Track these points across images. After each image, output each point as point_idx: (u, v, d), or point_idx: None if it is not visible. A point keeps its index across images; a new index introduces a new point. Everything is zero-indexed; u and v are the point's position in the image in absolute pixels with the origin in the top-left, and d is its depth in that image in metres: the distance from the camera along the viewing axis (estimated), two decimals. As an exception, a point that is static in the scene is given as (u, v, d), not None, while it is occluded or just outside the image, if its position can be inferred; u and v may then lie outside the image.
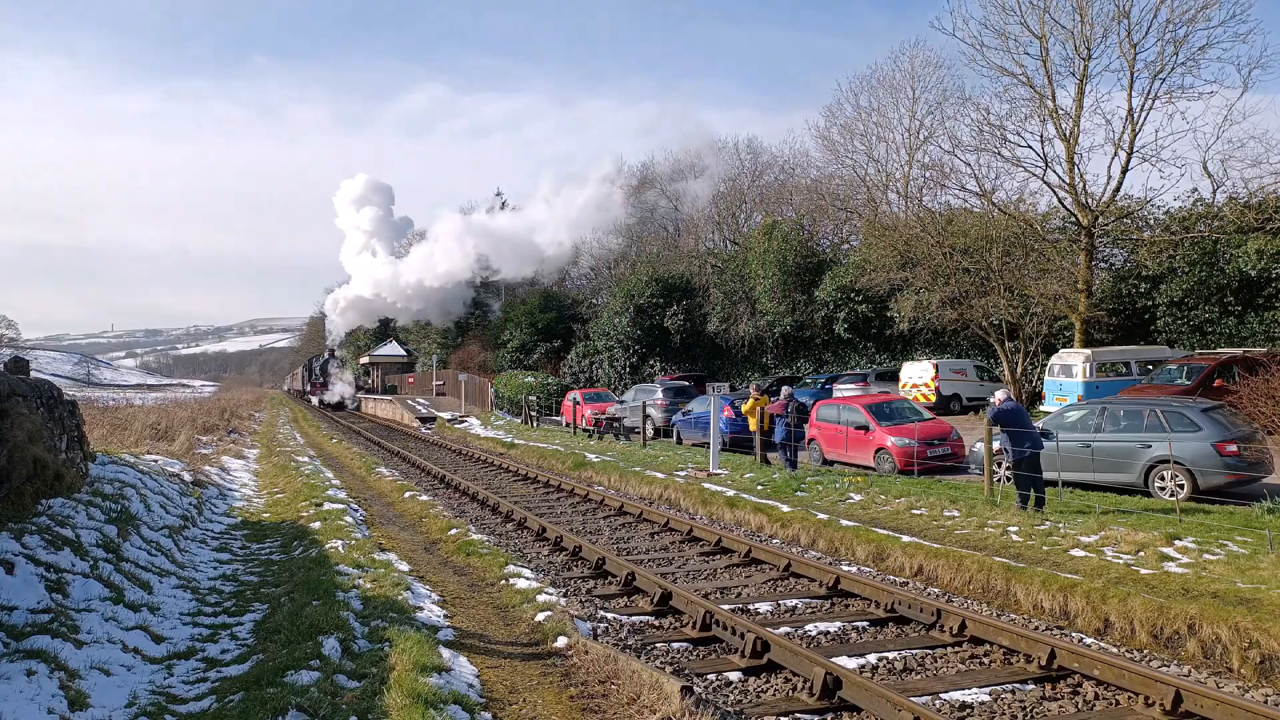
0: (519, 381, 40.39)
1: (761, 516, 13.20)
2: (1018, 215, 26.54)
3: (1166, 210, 26.51)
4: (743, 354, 41.05)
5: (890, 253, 28.76)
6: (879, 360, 34.68)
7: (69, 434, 10.82)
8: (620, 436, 27.28)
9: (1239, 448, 12.27)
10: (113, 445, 17.62)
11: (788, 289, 37.15)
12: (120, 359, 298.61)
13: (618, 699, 6.09)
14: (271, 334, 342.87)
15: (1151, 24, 24.26)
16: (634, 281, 43.68)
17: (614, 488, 17.85)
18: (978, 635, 7.79)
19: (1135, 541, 9.72)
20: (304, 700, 5.43)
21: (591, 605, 8.98)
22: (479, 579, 9.85)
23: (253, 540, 12.22)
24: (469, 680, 6.29)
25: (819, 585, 9.72)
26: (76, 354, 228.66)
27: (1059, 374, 22.77)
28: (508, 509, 15.15)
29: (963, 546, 10.39)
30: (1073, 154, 25.75)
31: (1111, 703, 6.48)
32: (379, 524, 13.51)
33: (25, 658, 5.77)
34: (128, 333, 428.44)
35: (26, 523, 8.16)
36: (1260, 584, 8.10)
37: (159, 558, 9.64)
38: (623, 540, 12.83)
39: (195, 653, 7.08)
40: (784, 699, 6.61)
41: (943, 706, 6.40)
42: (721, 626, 7.92)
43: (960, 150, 28.25)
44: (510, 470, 21.82)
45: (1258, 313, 24.07)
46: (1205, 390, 18.27)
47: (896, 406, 18.62)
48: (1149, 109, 24.72)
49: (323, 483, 17.13)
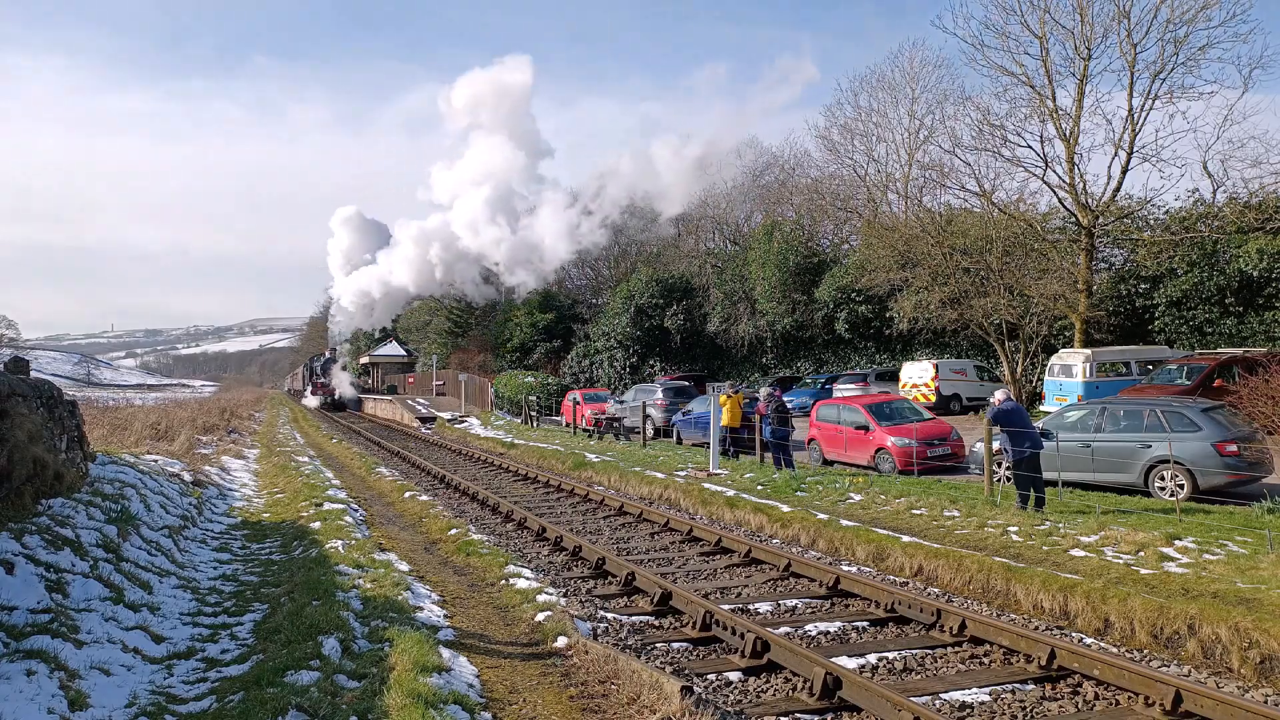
0: (519, 381, 40.40)
1: (761, 516, 13.20)
2: (1018, 215, 26.55)
3: (1166, 210, 26.54)
4: (743, 354, 41.07)
5: (890, 253, 28.78)
6: (879, 360, 34.70)
7: (69, 434, 10.82)
8: (620, 436, 27.28)
9: (1239, 448, 12.27)
10: (113, 445, 17.62)
11: (788, 289, 37.17)
12: (120, 359, 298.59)
13: (618, 699, 6.09)
14: (271, 334, 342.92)
15: (1152, 24, 24.31)
16: (634, 281, 43.70)
17: (614, 488, 17.85)
18: (978, 635, 7.79)
19: (1135, 541, 9.72)
20: (304, 700, 5.43)
21: (591, 605, 8.98)
22: (479, 579, 9.84)
23: (253, 540, 12.22)
24: (469, 680, 6.29)
25: (819, 585, 9.72)
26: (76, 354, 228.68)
27: (1059, 374, 22.78)
28: (508, 509, 15.15)
29: (963, 546, 10.39)
30: (1073, 154, 25.77)
31: (1111, 703, 6.48)
32: (379, 524, 13.51)
33: (25, 658, 5.77)
34: (128, 333, 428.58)
35: (26, 523, 8.16)
36: (1260, 584, 8.10)
37: (159, 558, 9.64)
38: (623, 540, 12.83)
39: (195, 653, 7.08)
40: (784, 699, 6.61)
41: (943, 706, 6.40)
42: (721, 626, 7.92)
43: (960, 150, 28.31)
44: (510, 470, 21.82)
45: (1258, 313, 24.08)
46: (1205, 390, 18.28)
47: (896, 406, 18.62)
48: (1149, 109, 24.77)
49: (323, 483, 17.13)
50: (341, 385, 63.79)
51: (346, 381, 64.49)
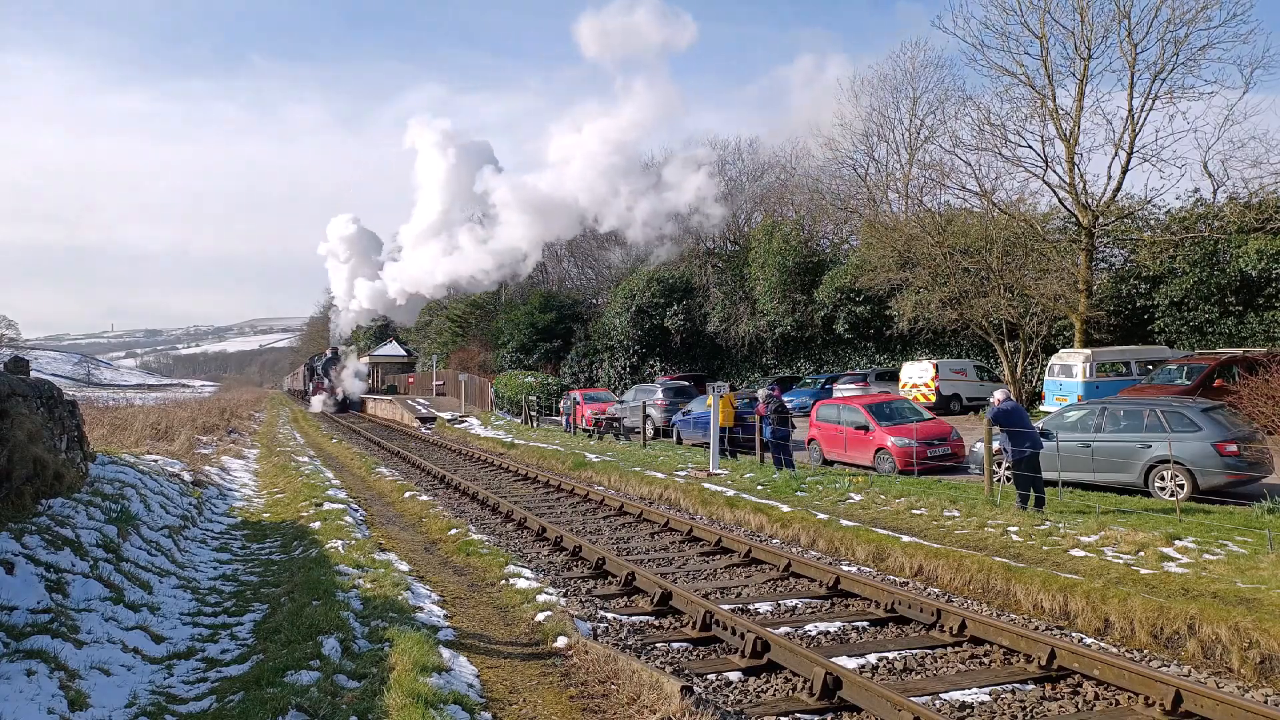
0: (519, 381, 40.39)
1: (761, 516, 13.20)
2: (1018, 215, 26.55)
3: (1167, 210, 26.54)
4: (743, 354, 41.06)
5: (890, 253, 28.78)
6: (879, 360, 34.70)
7: (69, 434, 10.83)
8: (620, 436, 27.29)
9: (1239, 448, 12.26)
10: (113, 445, 17.62)
11: (788, 289, 37.17)
12: (120, 359, 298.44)
13: (618, 699, 6.09)
14: (271, 334, 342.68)
15: (1152, 24, 24.29)
16: (634, 281, 43.67)
17: (614, 488, 17.85)
18: (978, 635, 7.79)
19: (1135, 541, 9.72)
20: (304, 700, 5.43)
21: (591, 605, 8.98)
22: (479, 579, 9.84)
23: (253, 540, 12.22)
24: (469, 680, 6.29)
25: (819, 585, 9.72)
26: (76, 354, 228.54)
27: (1059, 374, 22.78)
28: (508, 509, 15.15)
29: (963, 546, 10.39)
30: (1073, 154, 25.76)
31: (1111, 703, 6.48)
32: (379, 524, 13.51)
33: (25, 658, 5.77)
34: (128, 333, 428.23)
35: (26, 523, 8.16)
36: (1260, 584, 8.10)
37: (159, 558, 9.64)
38: (623, 540, 12.83)
39: (195, 653, 7.08)
40: (784, 699, 6.61)
41: (943, 706, 6.40)
42: (721, 626, 7.92)
43: (960, 150, 28.29)
44: (510, 470, 21.82)
45: (1258, 313, 24.08)
46: (1205, 390, 18.27)
47: (896, 406, 18.62)
48: (1149, 109, 24.75)
49: (323, 483, 17.13)
50: (349, 385, 61.20)
51: (354, 379, 61.64)
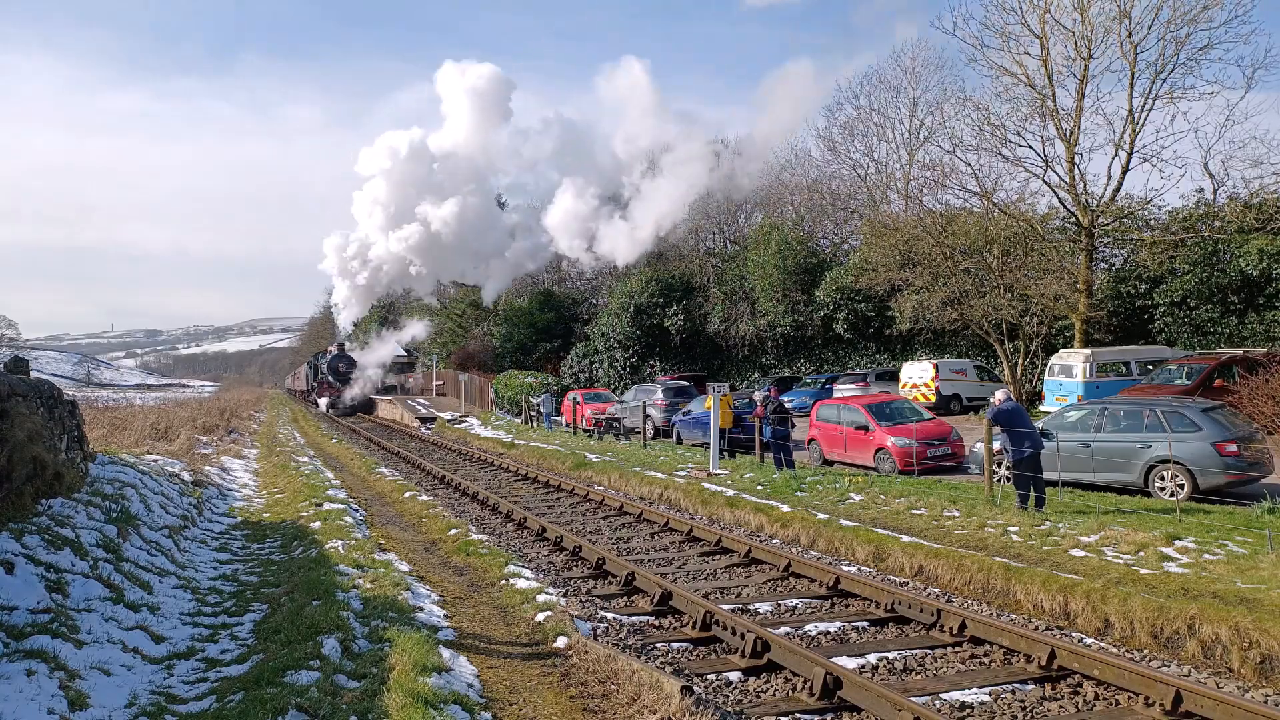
0: (519, 381, 40.39)
1: (761, 516, 13.20)
2: (1018, 215, 26.54)
3: (1167, 210, 26.52)
4: (743, 354, 41.05)
5: (890, 253, 28.77)
6: (879, 360, 34.69)
7: (69, 434, 10.82)
8: (620, 436, 27.28)
9: (1239, 448, 12.26)
10: (113, 445, 17.62)
11: (788, 289, 37.16)
12: (120, 359, 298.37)
13: (618, 699, 6.09)
14: (271, 334, 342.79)
15: (1153, 24, 24.23)
16: (634, 281, 43.66)
17: (614, 488, 17.85)
18: (978, 635, 7.79)
19: (1135, 541, 9.72)
20: (304, 700, 5.43)
21: (591, 605, 8.98)
22: (479, 579, 9.84)
23: (253, 540, 12.22)
24: (469, 680, 6.29)
25: (819, 585, 9.72)
26: (76, 354, 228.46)
27: (1059, 374, 22.77)
28: (508, 509, 15.15)
29: (963, 546, 10.39)
30: (1073, 154, 25.74)
31: (1111, 703, 6.48)
32: (379, 524, 13.51)
33: (25, 658, 5.77)
34: (128, 333, 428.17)
35: (26, 523, 8.16)
36: (1260, 584, 8.10)
37: (159, 558, 9.64)
38: (623, 540, 12.83)
39: (195, 653, 7.08)
40: (784, 699, 6.61)
41: (943, 706, 6.40)
42: (721, 626, 7.92)
43: (961, 150, 28.24)
44: (510, 470, 21.82)
45: (1258, 313, 24.09)
46: (1205, 390, 18.27)
47: (896, 406, 18.61)
48: (1150, 109, 24.70)
49: (322, 483, 17.13)
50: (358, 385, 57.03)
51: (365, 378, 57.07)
